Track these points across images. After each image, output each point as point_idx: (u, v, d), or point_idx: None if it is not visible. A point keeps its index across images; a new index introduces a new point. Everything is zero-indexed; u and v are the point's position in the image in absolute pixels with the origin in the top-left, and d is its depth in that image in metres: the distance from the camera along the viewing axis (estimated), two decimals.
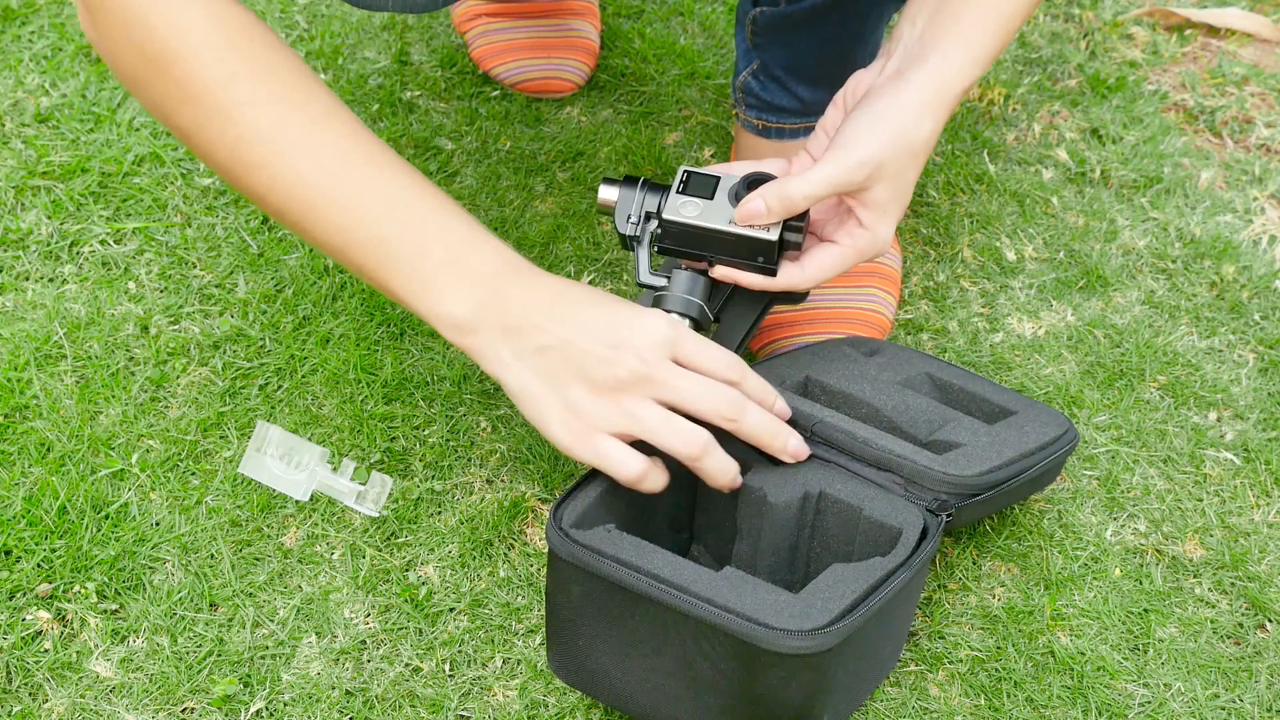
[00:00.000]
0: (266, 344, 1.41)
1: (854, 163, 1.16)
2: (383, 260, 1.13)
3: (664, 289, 1.21)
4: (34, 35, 1.71)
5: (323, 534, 1.27)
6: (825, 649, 1.03)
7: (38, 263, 1.47)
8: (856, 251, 1.20)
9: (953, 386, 1.29)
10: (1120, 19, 1.86)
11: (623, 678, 1.11)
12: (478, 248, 1.14)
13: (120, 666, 1.18)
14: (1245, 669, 1.22)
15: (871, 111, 1.18)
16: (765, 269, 1.20)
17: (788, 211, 1.18)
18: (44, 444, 1.31)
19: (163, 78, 1.11)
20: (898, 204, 1.19)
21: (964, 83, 1.19)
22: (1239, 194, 1.64)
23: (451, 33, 1.76)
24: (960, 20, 1.20)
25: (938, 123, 1.19)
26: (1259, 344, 1.48)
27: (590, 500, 1.13)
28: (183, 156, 1.57)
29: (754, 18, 1.48)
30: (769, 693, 1.05)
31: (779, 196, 1.17)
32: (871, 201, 1.18)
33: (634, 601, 1.07)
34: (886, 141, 1.16)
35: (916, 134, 1.17)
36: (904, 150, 1.17)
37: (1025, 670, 1.21)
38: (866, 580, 1.08)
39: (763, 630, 1.03)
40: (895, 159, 1.17)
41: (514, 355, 1.12)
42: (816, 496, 1.16)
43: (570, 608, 1.10)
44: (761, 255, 1.20)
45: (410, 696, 1.17)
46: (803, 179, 1.17)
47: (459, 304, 1.12)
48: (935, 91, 1.18)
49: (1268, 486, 1.35)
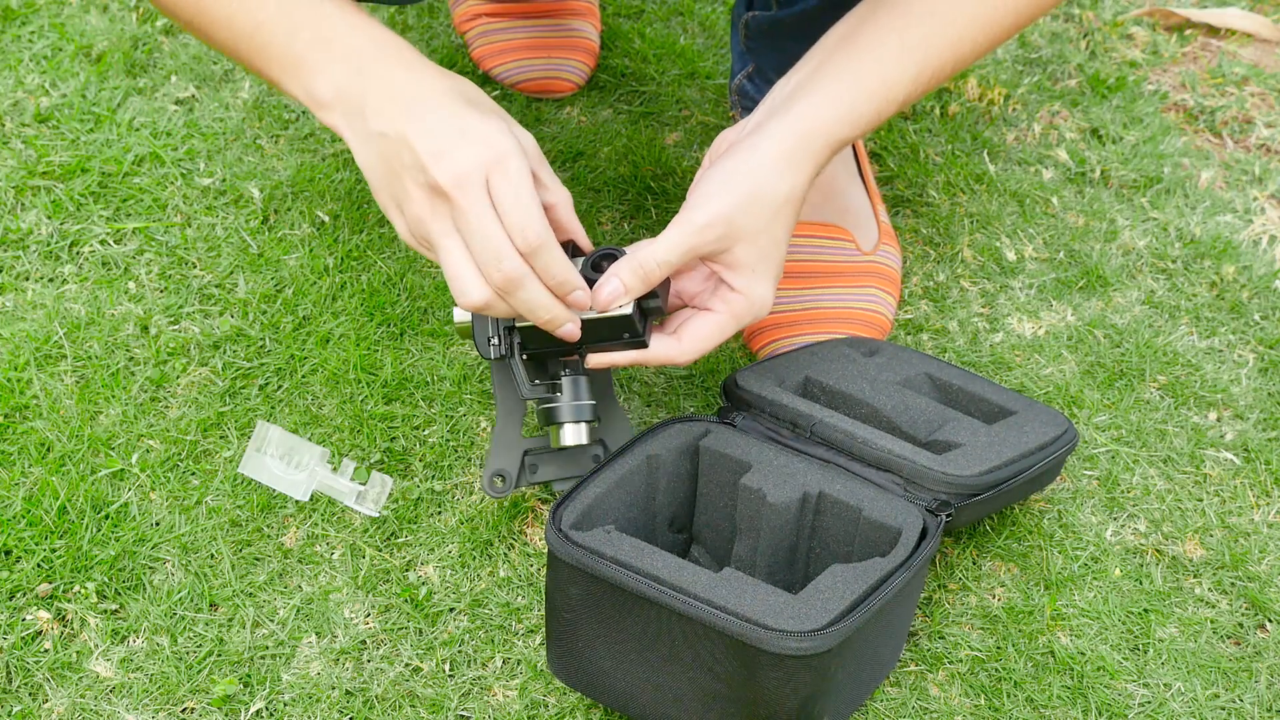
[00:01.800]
0: (266, 344, 1.41)
1: (702, 224, 1.11)
2: (261, 46, 1.14)
3: (553, 401, 1.20)
4: (34, 35, 1.71)
5: (323, 534, 1.27)
6: (824, 650, 1.03)
7: (38, 263, 1.47)
8: (734, 317, 1.15)
9: (952, 386, 1.29)
10: (1120, 19, 1.86)
11: (622, 679, 1.11)
12: (350, 29, 1.13)
13: (120, 666, 1.18)
14: (1245, 669, 1.22)
15: (722, 170, 1.13)
16: (635, 343, 1.16)
17: (647, 284, 1.12)
18: (44, 444, 1.31)
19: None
20: (767, 263, 1.14)
21: (833, 134, 1.14)
22: (1239, 194, 1.64)
23: (451, 33, 1.76)
24: (838, 78, 1.15)
25: (800, 174, 1.13)
26: (1259, 344, 1.48)
27: (590, 501, 1.13)
28: (183, 156, 1.57)
29: (747, 21, 1.48)
30: (768, 694, 1.05)
31: (632, 270, 1.12)
32: (735, 263, 1.13)
33: (633, 603, 1.07)
34: (736, 199, 1.12)
35: (773, 188, 1.12)
36: (760, 206, 1.12)
37: (1025, 670, 1.21)
38: (866, 581, 1.08)
39: (762, 632, 1.03)
40: (749, 216, 1.12)
41: (356, 136, 1.12)
42: (816, 497, 1.16)
43: (570, 609, 1.10)
44: (626, 332, 1.15)
45: (410, 696, 1.17)
46: (653, 246, 1.12)
47: (322, 83, 1.12)
48: (797, 141, 1.13)
49: (1268, 486, 1.35)
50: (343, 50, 1.12)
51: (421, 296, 1.45)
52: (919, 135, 1.68)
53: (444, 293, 1.45)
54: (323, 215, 1.52)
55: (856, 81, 1.15)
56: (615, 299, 1.12)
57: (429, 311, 1.44)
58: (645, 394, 1.40)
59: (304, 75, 1.13)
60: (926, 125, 1.69)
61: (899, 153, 1.65)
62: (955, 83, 1.74)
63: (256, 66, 1.16)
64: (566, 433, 1.20)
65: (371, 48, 1.13)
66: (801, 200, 1.15)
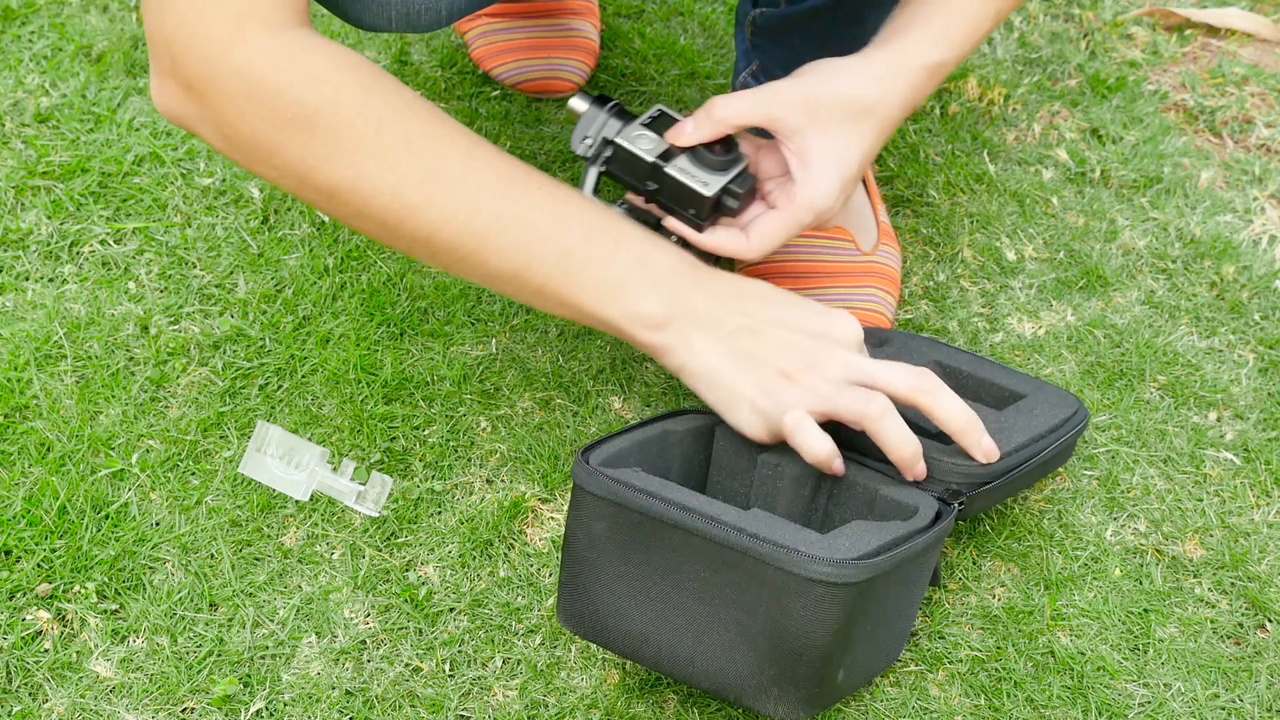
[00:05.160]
0: (266, 344, 1.41)
1: (781, 89, 1.15)
2: (571, 272, 1.12)
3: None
4: (34, 35, 1.71)
5: (323, 534, 1.27)
6: (855, 580, 1.04)
7: (38, 263, 1.47)
8: (795, 214, 1.18)
9: (961, 373, 1.29)
10: (1120, 19, 1.86)
11: (640, 619, 1.10)
12: (657, 248, 1.14)
13: (120, 666, 1.18)
14: (1245, 669, 1.22)
15: (808, 66, 1.18)
16: (694, 221, 1.21)
17: (714, 127, 1.17)
18: (44, 444, 1.31)
19: (304, 136, 1.08)
20: (838, 166, 1.16)
21: (926, 54, 1.17)
22: (1239, 194, 1.64)
23: (451, 33, 1.76)
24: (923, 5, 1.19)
25: (890, 89, 1.16)
26: (1259, 344, 1.48)
27: (613, 452, 1.14)
28: (183, 156, 1.57)
29: (754, 19, 1.48)
30: (795, 626, 1.05)
31: (704, 110, 1.17)
32: (805, 152, 1.16)
33: (661, 532, 1.07)
34: (818, 83, 1.15)
35: (859, 90, 1.15)
36: (841, 102, 1.15)
37: (1025, 670, 1.21)
38: (889, 534, 1.09)
39: (794, 555, 1.03)
40: (829, 106, 1.14)
41: (707, 341, 1.12)
42: (832, 478, 1.16)
43: (592, 546, 1.10)
44: (693, 208, 1.20)
45: (410, 696, 1.17)
46: (728, 97, 1.17)
47: (652, 301, 1.12)
48: (889, 61, 1.16)
49: (1268, 486, 1.35)
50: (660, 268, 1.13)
51: (421, 296, 1.45)
52: (919, 135, 1.68)
53: (444, 292, 1.45)
54: (323, 215, 1.52)
55: (944, 5, 1.18)
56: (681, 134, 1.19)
57: (429, 311, 1.44)
58: (644, 395, 1.40)
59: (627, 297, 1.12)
60: (926, 125, 1.69)
61: (899, 153, 1.65)
62: (955, 82, 1.74)
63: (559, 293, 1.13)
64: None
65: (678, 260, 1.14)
66: (891, 122, 1.16)
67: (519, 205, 1.11)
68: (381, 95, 1.10)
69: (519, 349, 1.42)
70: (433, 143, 1.11)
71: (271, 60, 1.07)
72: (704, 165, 1.20)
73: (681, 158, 1.20)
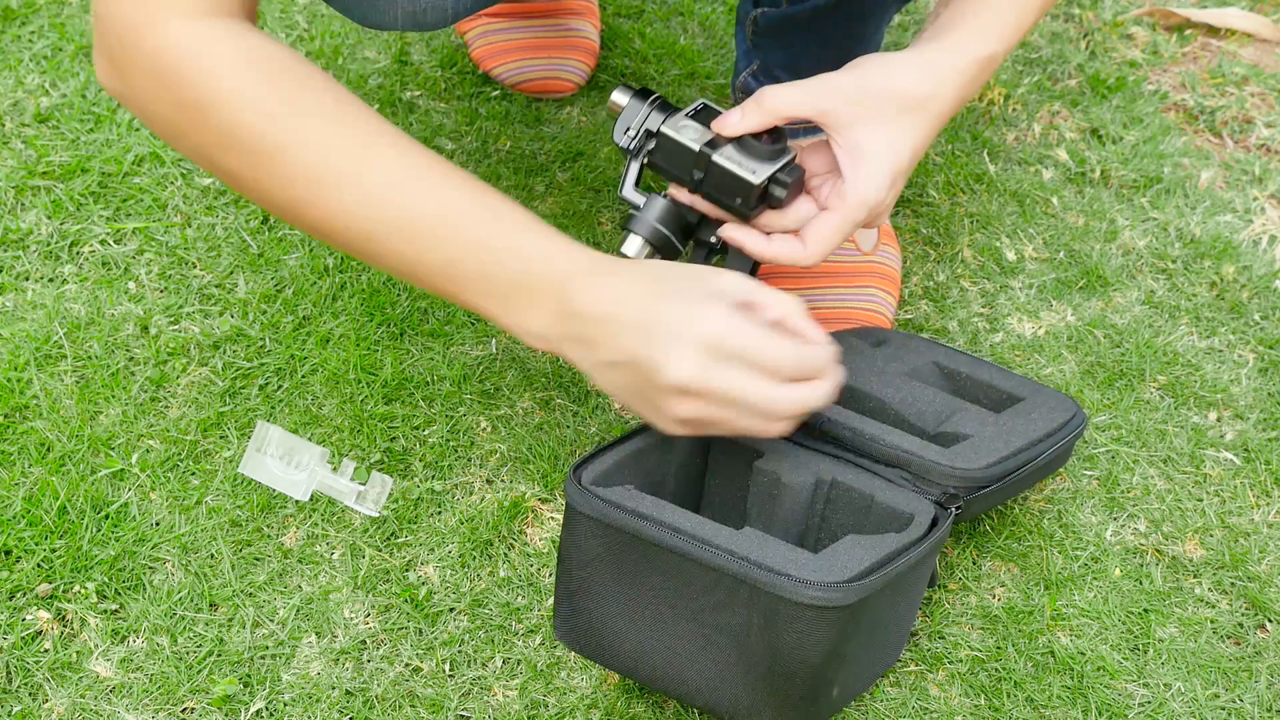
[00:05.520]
0: (266, 344, 1.41)
1: (833, 81, 1.14)
2: (454, 281, 1.11)
3: (638, 209, 1.21)
4: (34, 35, 1.71)
5: (323, 534, 1.27)
6: (845, 603, 1.04)
7: (38, 263, 1.47)
8: (846, 212, 1.16)
9: (960, 375, 1.29)
10: (1120, 19, 1.86)
11: (635, 638, 1.11)
12: (543, 256, 1.10)
13: (120, 666, 1.18)
14: (1245, 669, 1.22)
15: (864, 58, 1.16)
16: (739, 212, 1.18)
17: (763, 116, 1.15)
18: (44, 444, 1.31)
19: (201, 126, 1.09)
20: (888, 162, 1.15)
21: (976, 49, 1.16)
22: (1239, 194, 1.64)
23: (451, 33, 1.76)
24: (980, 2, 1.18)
25: (942, 84, 1.15)
26: (1259, 344, 1.48)
27: (607, 466, 1.13)
28: (183, 156, 1.57)
29: (755, 18, 1.48)
30: (786, 649, 1.05)
31: (753, 100, 1.16)
32: (855, 146, 1.15)
33: (653, 554, 1.07)
34: (871, 76, 1.13)
35: (910, 84, 1.14)
36: (894, 95, 1.14)
37: (1025, 670, 1.21)
38: (883, 550, 1.09)
39: (785, 580, 1.03)
40: (881, 99, 1.13)
41: (590, 366, 1.10)
42: (829, 484, 1.16)
43: (585, 565, 1.10)
44: (740, 196, 1.17)
45: (410, 696, 1.17)
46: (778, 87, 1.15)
47: (534, 319, 1.09)
48: (941, 55, 1.15)
49: (1268, 486, 1.35)
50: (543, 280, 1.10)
51: (421, 296, 1.45)
52: None
53: None
54: None
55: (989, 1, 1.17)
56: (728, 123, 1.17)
57: (429, 311, 1.44)
58: None
59: (510, 313, 1.10)
60: None
61: None
62: None
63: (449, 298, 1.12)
64: (629, 243, 1.21)
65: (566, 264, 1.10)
66: (943, 116, 1.15)
67: (409, 211, 1.10)
68: (280, 89, 1.09)
69: (519, 349, 1.42)
70: (325, 141, 1.10)
71: (179, 48, 1.08)
72: (751, 154, 1.17)
73: (728, 147, 1.18)
